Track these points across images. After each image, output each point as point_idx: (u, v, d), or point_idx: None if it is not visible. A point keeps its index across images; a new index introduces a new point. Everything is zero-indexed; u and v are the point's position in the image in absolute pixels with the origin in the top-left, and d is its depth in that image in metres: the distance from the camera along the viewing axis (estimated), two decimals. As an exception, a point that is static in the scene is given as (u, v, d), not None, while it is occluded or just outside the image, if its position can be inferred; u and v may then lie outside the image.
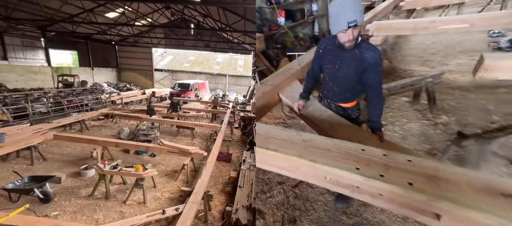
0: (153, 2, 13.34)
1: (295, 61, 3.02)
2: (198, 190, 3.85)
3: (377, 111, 1.88)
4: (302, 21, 6.12)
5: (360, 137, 1.82)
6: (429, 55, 6.29)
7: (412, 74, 5.25)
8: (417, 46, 6.94)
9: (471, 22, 4.01)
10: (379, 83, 1.88)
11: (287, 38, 5.80)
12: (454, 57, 5.89)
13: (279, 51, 5.66)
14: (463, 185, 1.14)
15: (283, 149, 1.47)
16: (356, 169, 1.27)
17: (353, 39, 1.73)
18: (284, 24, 5.49)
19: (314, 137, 1.60)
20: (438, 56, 6.17)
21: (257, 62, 5.02)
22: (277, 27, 5.43)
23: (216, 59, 27.34)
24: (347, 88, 2.06)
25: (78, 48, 19.16)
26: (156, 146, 6.07)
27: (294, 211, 2.46)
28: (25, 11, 12.08)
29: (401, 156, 1.38)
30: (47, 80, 14.99)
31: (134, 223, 3.19)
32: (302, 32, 6.33)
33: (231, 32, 15.43)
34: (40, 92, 11.78)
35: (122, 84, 20.07)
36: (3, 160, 5.67)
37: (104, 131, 8.90)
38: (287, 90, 2.63)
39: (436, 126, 3.69)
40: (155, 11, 16.19)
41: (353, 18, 1.61)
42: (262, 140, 1.58)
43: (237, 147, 8.25)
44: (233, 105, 13.67)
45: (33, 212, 3.95)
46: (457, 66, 5.44)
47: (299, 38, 6.02)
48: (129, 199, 4.50)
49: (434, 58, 6.09)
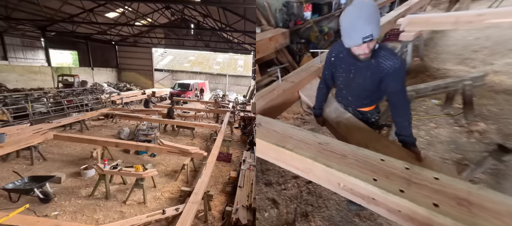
0: (153, 2, 13.34)
1: (317, 58, 2.91)
2: (198, 190, 3.85)
3: (405, 122, 1.62)
4: (329, 15, 5.92)
5: (378, 144, 1.69)
6: (470, 53, 5.57)
7: (446, 74, 4.78)
8: (456, 43, 6.17)
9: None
10: (402, 90, 1.64)
11: (312, 32, 5.67)
12: (502, 56, 5.15)
13: (302, 46, 5.54)
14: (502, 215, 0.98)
15: (299, 149, 1.44)
16: (374, 180, 1.20)
17: (369, 52, 1.54)
18: (310, 19, 5.37)
19: (330, 140, 1.54)
20: (481, 54, 5.44)
21: (280, 57, 4.88)
22: (303, 21, 5.31)
23: (216, 59, 27.34)
24: (363, 97, 1.92)
25: (78, 48, 19.16)
26: (156, 146, 6.06)
27: (307, 206, 2.46)
28: (25, 11, 12.08)
29: (426, 172, 1.25)
30: (47, 80, 14.99)
31: (134, 223, 3.19)
32: (328, 26, 6.12)
33: (231, 32, 15.43)
34: (40, 92, 11.78)
35: (122, 84, 20.07)
36: (3, 160, 5.67)
37: (104, 131, 8.90)
38: (307, 88, 2.56)
39: (471, 134, 3.32)
40: (155, 11, 16.20)
41: (368, 33, 1.39)
42: (279, 138, 1.57)
43: (237, 147, 8.25)
44: (233, 105, 13.68)
45: (33, 212, 3.95)
46: (506, 66, 4.75)
47: (324, 32, 5.87)
48: (129, 199, 4.50)
49: (476, 56, 5.40)
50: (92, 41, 18.69)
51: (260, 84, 4.35)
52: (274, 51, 4.23)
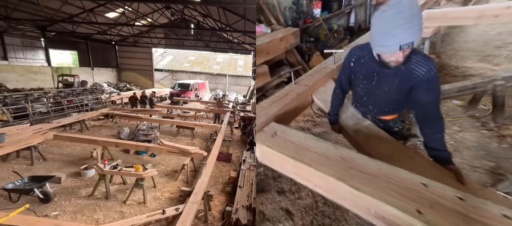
0: (153, 2, 13.33)
1: (331, 59, 2.74)
2: (198, 190, 3.85)
3: (437, 134, 1.42)
4: (338, 12, 5.76)
5: (405, 158, 1.49)
6: (492, 49, 5.19)
7: (466, 72, 4.46)
8: (476, 38, 5.74)
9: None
10: (436, 102, 1.45)
11: (321, 30, 5.50)
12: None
13: (311, 45, 5.38)
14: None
15: (319, 165, 1.28)
16: (417, 212, 0.99)
17: (403, 59, 1.34)
18: (319, 16, 5.21)
19: (354, 155, 1.36)
20: (506, 50, 5.05)
21: (289, 57, 4.69)
22: (312, 19, 5.16)
23: (216, 59, 27.34)
24: (387, 105, 1.75)
25: (78, 48, 19.16)
26: (156, 146, 6.06)
27: (324, 218, 2.28)
28: (25, 11, 12.08)
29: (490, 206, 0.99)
30: (47, 80, 14.99)
31: (134, 223, 3.19)
32: (337, 23, 5.97)
33: (231, 32, 15.43)
34: (40, 92, 11.78)
35: (122, 84, 20.08)
36: (3, 160, 5.67)
37: (104, 131, 8.90)
38: (321, 91, 2.38)
39: (502, 139, 3.03)
40: (155, 11, 16.20)
41: (408, 40, 1.17)
42: (295, 150, 1.42)
43: (237, 147, 8.25)
44: (233, 105, 13.69)
45: (33, 212, 3.95)
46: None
47: (333, 30, 5.71)
48: (129, 199, 4.50)
49: (499, 52, 5.01)
50: (92, 41, 18.69)
51: (269, 86, 4.19)
52: (284, 51, 4.10)
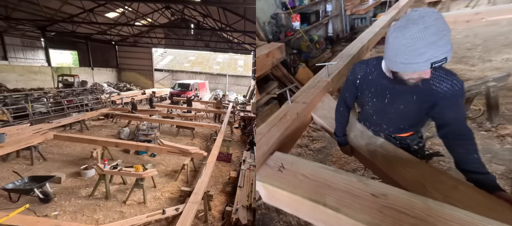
0: (153, 2, 13.33)
1: (324, 72, 2.63)
2: (198, 190, 3.85)
3: (474, 155, 1.24)
4: (317, 23, 6.09)
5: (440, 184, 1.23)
6: (464, 51, 5.52)
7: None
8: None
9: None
10: (463, 118, 1.31)
11: (302, 42, 5.72)
12: (497, 52, 5.09)
13: (295, 56, 5.54)
14: None
15: (348, 209, 0.99)
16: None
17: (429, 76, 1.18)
18: (299, 28, 5.42)
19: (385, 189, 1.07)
20: (476, 51, 5.40)
21: (275, 72, 4.71)
22: (292, 32, 5.37)
23: (216, 59, 27.34)
24: (403, 123, 1.59)
25: (78, 48, 19.17)
26: (156, 146, 6.07)
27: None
28: (25, 11, 12.08)
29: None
30: (47, 80, 14.99)
31: (134, 223, 3.19)
32: (317, 34, 6.29)
33: (231, 32, 15.43)
34: (40, 92, 11.78)
35: (122, 84, 20.09)
36: (3, 160, 5.68)
37: (104, 131, 8.90)
38: (319, 107, 2.22)
39: (503, 139, 3.00)
40: (155, 11, 16.20)
41: (440, 57, 1.02)
42: (311, 187, 1.12)
43: (237, 147, 8.25)
44: (233, 105, 13.69)
45: (33, 212, 3.95)
46: (505, 62, 4.69)
47: (315, 41, 5.95)
48: (129, 199, 4.50)
49: (471, 54, 5.35)
50: (92, 41, 18.69)
51: (259, 104, 4.23)
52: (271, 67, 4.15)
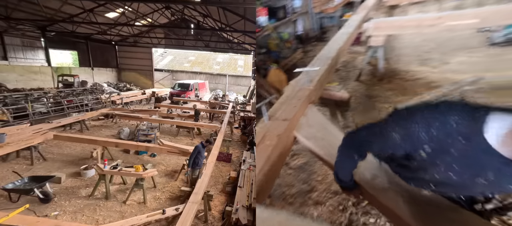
0: (153, 2, 13.34)
1: (303, 78, 2.31)
2: (198, 190, 3.85)
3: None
4: (286, 20, 5.74)
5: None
6: (423, 54, 5.92)
7: (415, 76, 4.86)
8: (407, 45, 6.47)
9: (483, 16, 3.57)
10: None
11: (270, 40, 5.32)
12: (452, 55, 5.54)
13: (265, 57, 5.01)
14: None
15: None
16: None
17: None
18: (268, 24, 5.09)
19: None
20: (434, 54, 5.80)
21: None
22: (260, 28, 5.00)
23: (216, 59, 27.34)
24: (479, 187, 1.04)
25: (78, 48, 19.17)
26: (156, 146, 6.07)
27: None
28: (25, 11, 12.08)
29: None
30: (47, 80, 14.99)
31: (134, 223, 3.19)
32: (287, 32, 5.91)
33: (231, 32, 15.43)
34: (40, 92, 11.77)
35: (122, 84, 20.08)
36: (3, 160, 5.67)
37: (104, 131, 8.90)
38: (303, 124, 1.77)
39: None
40: (155, 11, 16.20)
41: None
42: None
43: (237, 147, 8.25)
44: (233, 105, 13.69)
45: (33, 212, 3.95)
46: (460, 64, 5.05)
47: (284, 39, 5.57)
48: (129, 199, 4.50)
49: (431, 56, 5.75)
50: (92, 41, 18.69)
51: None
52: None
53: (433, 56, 5.72)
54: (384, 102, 4.16)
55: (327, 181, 2.76)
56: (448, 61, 5.30)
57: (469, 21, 3.75)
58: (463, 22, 3.81)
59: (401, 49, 6.35)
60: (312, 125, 1.72)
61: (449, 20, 3.80)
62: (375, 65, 5.31)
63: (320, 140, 1.54)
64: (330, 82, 3.90)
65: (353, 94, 4.40)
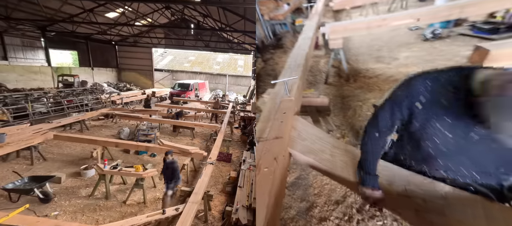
0: (153, 2, 13.34)
1: (281, 89, 2.13)
2: (198, 190, 3.85)
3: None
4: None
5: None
6: (375, 52, 6.35)
7: (375, 73, 5.19)
8: (360, 45, 6.96)
9: (418, 16, 4.10)
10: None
11: None
12: (399, 52, 6.10)
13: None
14: None
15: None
16: None
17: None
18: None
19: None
20: (384, 51, 6.27)
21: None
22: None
23: (216, 59, 27.34)
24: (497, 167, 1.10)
25: (78, 48, 19.17)
26: (156, 146, 6.07)
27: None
28: (25, 11, 12.08)
29: None
30: (47, 80, 14.99)
31: (134, 223, 3.19)
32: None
33: (231, 32, 15.43)
34: (40, 92, 11.77)
35: (122, 84, 20.08)
36: (3, 160, 5.67)
37: (104, 131, 8.90)
38: (295, 137, 1.60)
39: None
40: (155, 11, 16.20)
41: None
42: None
43: (237, 147, 8.25)
44: (233, 105, 13.69)
45: (33, 212, 3.95)
46: (407, 59, 5.66)
47: None
48: (129, 199, 4.50)
49: (382, 54, 6.19)
50: (92, 41, 18.69)
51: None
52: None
53: (383, 53, 6.22)
54: (356, 101, 4.31)
55: (324, 193, 2.65)
56: (397, 57, 5.85)
57: (407, 21, 4.33)
58: (402, 22, 4.36)
59: (356, 50, 6.77)
60: (306, 138, 1.58)
61: (393, 21, 4.29)
62: (338, 67, 5.55)
63: (318, 152, 1.40)
64: (306, 89, 3.95)
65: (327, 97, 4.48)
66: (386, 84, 4.65)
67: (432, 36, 6.28)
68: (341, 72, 5.41)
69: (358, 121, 3.76)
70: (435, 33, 6.26)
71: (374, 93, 4.46)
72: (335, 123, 3.82)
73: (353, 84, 4.97)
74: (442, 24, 6.27)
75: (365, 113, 3.91)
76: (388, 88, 4.44)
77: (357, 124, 3.71)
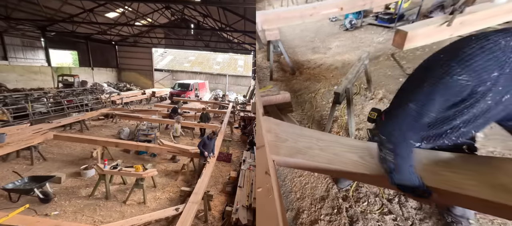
0: (153, 2, 13.34)
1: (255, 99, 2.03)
2: (198, 190, 3.85)
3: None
4: None
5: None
6: (310, 43, 6.46)
7: (313, 64, 5.22)
8: (293, 37, 6.97)
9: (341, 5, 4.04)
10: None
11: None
12: (330, 41, 6.34)
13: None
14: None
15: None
16: None
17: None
18: None
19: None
20: (316, 42, 6.42)
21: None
22: None
23: (216, 59, 27.34)
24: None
25: (78, 48, 19.16)
26: (156, 146, 6.07)
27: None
28: (25, 11, 12.08)
29: None
30: (47, 80, 14.99)
31: (134, 223, 3.19)
32: None
33: (231, 32, 15.43)
34: (40, 92, 11.77)
35: (122, 84, 20.09)
36: (3, 160, 5.67)
37: (104, 131, 8.90)
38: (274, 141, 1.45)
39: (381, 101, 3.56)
40: (155, 11, 16.21)
41: None
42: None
43: (237, 147, 8.25)
44: (233, 105, 13.69)
45: (34, 211, 3.95)
46: (338, 47, 5.90)
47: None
48: (129, 199, 4.50)
49: (316, 44, 6.34)
50: (92, 41, 18.69)
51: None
52: None
53: (317, 44, 6.36)
54: (309, 93, 4.25)
55: (307, 193, 2.46)
56: (330, 47, 6.04)
57: (333, 10, 4.11)
58: (330, 11, 4.11)
59: (290, 42, 6.82)
60: (286, 138, 1.41)
61: (322, 10, 4.04)
62: (277, 61, 5.37)
63: (307, 150, 1.26)
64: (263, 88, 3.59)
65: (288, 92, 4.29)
66: (330, 73, 4.73)
67: (350, 26, 6.71)
68: (284, 66, 5.15)
69: (316, 113, 3.68)
70: (352, 24, 6.71)
71: (324, 82, 4.45)
72: (296, 119, 3.67)
73: (300, 77, 4.83)
74: (354, 15, 6.74)
75: (321, 103, 3.86)
76: (332, 76, 4.58)
77: (317, 115, 3.62)
